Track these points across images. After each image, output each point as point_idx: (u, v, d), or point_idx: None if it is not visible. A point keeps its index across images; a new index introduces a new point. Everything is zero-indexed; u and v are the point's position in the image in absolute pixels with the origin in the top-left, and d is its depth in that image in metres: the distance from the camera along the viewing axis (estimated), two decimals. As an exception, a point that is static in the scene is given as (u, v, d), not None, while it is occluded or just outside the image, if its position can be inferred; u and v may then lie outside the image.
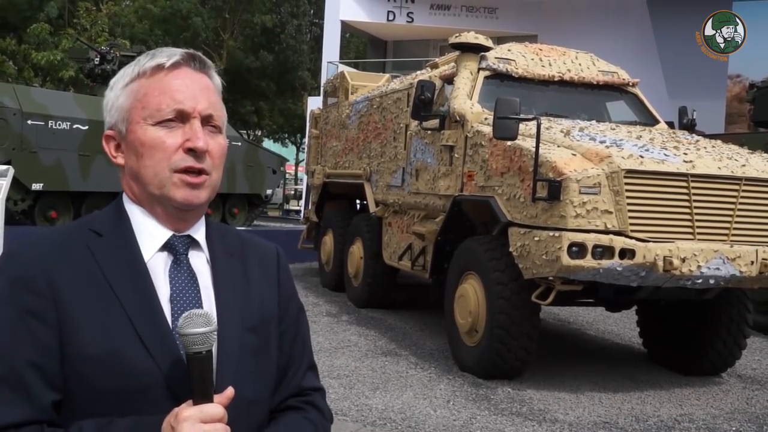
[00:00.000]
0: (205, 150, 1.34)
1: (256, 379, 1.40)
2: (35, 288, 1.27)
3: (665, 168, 5.67)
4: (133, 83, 1.37)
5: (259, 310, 1.44)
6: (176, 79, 1.36)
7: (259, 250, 1.56)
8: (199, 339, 1.21)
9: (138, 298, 1.30)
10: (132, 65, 1.40)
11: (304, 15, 36.68)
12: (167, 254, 1.37)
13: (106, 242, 1.34)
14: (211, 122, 1.38)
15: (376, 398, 5.60)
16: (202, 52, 1.38)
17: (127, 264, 1.33)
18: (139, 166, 1.35)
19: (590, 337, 8.64)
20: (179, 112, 1.34)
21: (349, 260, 9.87)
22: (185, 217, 1.39)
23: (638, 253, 5.46)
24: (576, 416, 5.43)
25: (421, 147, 7.89)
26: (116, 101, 1.39)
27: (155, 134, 1.34)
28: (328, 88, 12.22)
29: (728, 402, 6.03)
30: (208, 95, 1.38)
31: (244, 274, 1.46)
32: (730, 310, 6.58)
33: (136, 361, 1.26)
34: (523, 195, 5.96)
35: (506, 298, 6.03)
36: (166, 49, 1.40)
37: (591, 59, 8.04)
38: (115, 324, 1.27)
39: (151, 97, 1.35)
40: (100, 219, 1.39)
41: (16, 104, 13.38)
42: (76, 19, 29.06)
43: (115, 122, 1.40)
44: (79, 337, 1.26)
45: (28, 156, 13.46)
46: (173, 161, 1.33)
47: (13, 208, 13.57)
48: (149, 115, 1.34)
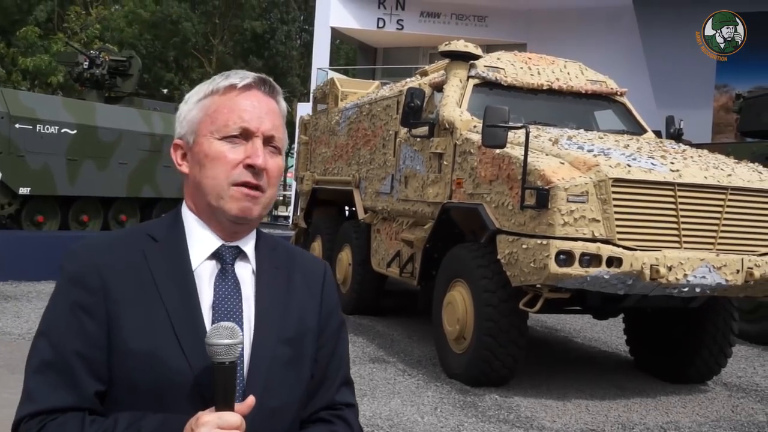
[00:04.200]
0: (264, 168, 1.43)
1: (285, 389, 1.46)
2: (89, 285, 1.38)
3: (652, 177, 5.70)
4: (206, 99, 1.47)
5: (297, 323, 1.51)
6: (245, 100, 1.45)
7: (307, 264, 1.63)
8: (223, 350, 1.27)
9: (181, 302, 1.39)
10: (208, 83, 1.50)
11: (293, 21, 36.75)
12: (215, 263, 1.45)
13: (160, 247, 1.43)
14: (273, 143, 1.46)
15: (364, 405, 5.59)
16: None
17: (175, 269, 1.41)
18: (201, 176, 1.44)
19: (577, 345, 8.66)
20: (244, 130, 1.43)
21: (337, 267, 9.86)
22: (237, 230, 1.47)
23: (625, 261, 5.49)
24: (563, 423, 5.44)
25: (410, 154, 7.90)
26: (188, 114, 1.48)
27: (219, 148, 1.42)
28: (318, 94, 12.23)
29: (714, 410, 6.06)
30: (272, 118, 1.47)
31: (287, 287, 1.53)
32: (716, 319, 6.62)
33: (171, 360, 1.34)
34: (511, 203, 5.98)
35: (494, 305, 6.04)
36: (241, 71, 1.50)
37: (579, 68, 8.09)
38: (156, 324, 1.36)
39: (220, 113, 1.44)
40: (159, 225, 1.49)
41: (4, 108, 13.30)
42: (66, 23, 28.97)
43: (184, 133, 1.48)
44: (123, 333, 1.35)
45: (15, 160, 13.38)
46: (233, 175, 1.41)
47: (-1, 212, 13.52)
48: (216, 130, 1.43)
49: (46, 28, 28.41)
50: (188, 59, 33.92)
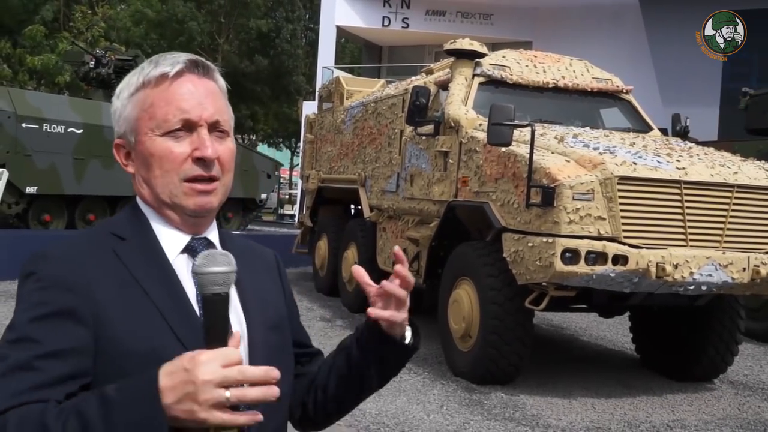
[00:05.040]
0: (214, 158, 1.36)
1: (284, 375, 1.38)
2: (71, 286, 1.27)
3: (658, 175, 5.70)
4: (139, 93, 1.38)
5: (275, 310, 1.49)
6: (181, 88, 1.36)
7: (260, 254, 1.59)
8: (221, 278, 1.19)
9: (169, 297, 1.32)
10: (137, 73, 1.40)
11: (299, 20, 36.74)
12: (188, 256, 1.39)
13: (131, 245, 1.36)
14: (219, 128, 1.39)
15: (370, 403, 5.60)
16: (196, 55, 1.37)
17: (153, 265, 1.34)
18: (150, 176, 1.37)
19: (583, 343, 8.66)
20: (186, 122, 1.35)
21: (343, 265, 9.87)
22: (199, 222, 1.42)
23: (631, 259, 5.48)
24: (569, 421, 5.44)
25: (415, 152, 7.91)
26: (123, 111, 1.40)
27: (163, 145, 1.35)
28: (323, 93, 12.24)
29: (720, 408, 6.05)
30: (213, 101, 1.39)
31: (256, 275, 1.49)
32: (722, 317, 6.61)
33: (173, 354, 1.22)
34: (517, 201, 5.98)
35: (500, 303, 6.05)
36: (169, 55, 1.41)
37: (585, 66, 8.08)
38: (149, 321, 1.28)
39: (157, 107, 1.36)
40: (120, 223, 1.41)
41: (11, 107, 13.35)
42: (71, 22, 29.05)
43: (124, 132, 1.41)
44: (117, 335, 1.26)
45: (22, 159, 13.43)
46: (182, 171, 1.35)
47: (6, 211, 13.55)
48: (156, 126, 1.35)
49: (51, 28, 28.46)
50: (194, 58, 33.91)
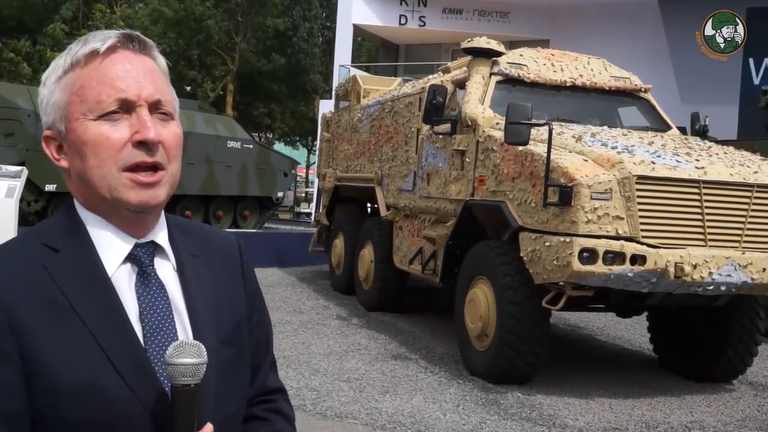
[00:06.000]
0: (157, 141, 1.20)
1: (235, 394, 1.32)
2: None
3: (677, 174, 5.66)
4: (67, 75, 1.22)
5: (231, 317, 1.34)
6: (115, 65, 1.20)
7: (222, 244, 1.43)
8: (190, 370, 1.12)
9: (106, 321, 1.17)
10: (64, 55, 1.24)
11: (316, 18, 36.84)
12: (131, 266, 1.24)
13: (64, 258, 1.19)
14: (161, 108, 1.22)
15: (386, 402, 5.61)
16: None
17: (89, 282, 1.18)
18: (84, 168, 1.20)
19: (600, 343, 8.62)
20: (122, 102, 1.19)
21: (359, 264, 9.88)
22: (143, 219, 1.25)
23: (649, 259, 5.45)
24: (586, 422, 5.42)
25: (432, 151, 7.90)
26: (51, 97, 1.23)
27: (98, 130, 1.18)
28: (340, 91, 12.26)
29: (739, 409, 6.01)
30: (153, 79, 1.23)
31: (212, 278, 1.34)
32: (741, 317, 6.56)
33: (112, 390, 1.14)
34: (534, 200, 5.96)
35: (516, 303, 6.03)
36: (100, 32, 1.25)
37: (603, 64, 8.04)
38: (84, 351, 1.14)
39: (88, 88, 1.19)
40: (53, 231, 1.23)
41: (31, 106, 13.48)
42: (90, 21, 29.26)
43: (53, 121, 1.23)
44: (50, 370, 1.12)
45: (41, 157, 13.42)
46: (122, 158, 1.18)
47: (26, 209, 13.68)
48: (89, 110, 1.19)
49: (71, 27, 28.72)
50: (211, 57, 34.14)
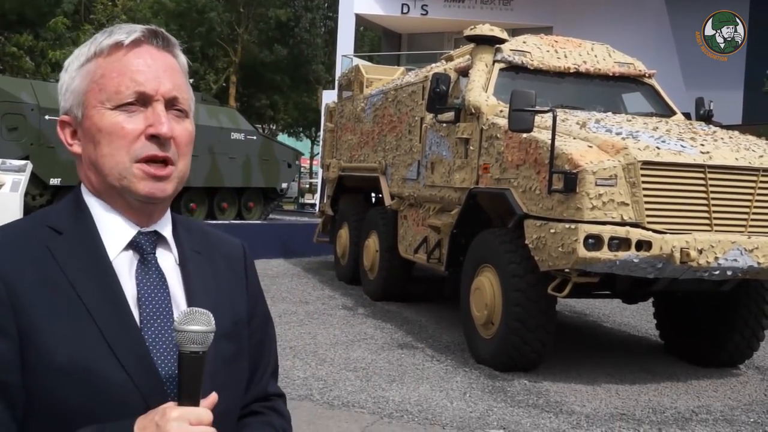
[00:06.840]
0: (170, 136, 1.22)
1: (231, 389, 1.32)
2: None
3: (682, 159, 5.64)
4: (90, 63, 1.25)
5: (231, 315, 1.34)
6: (137, 59, 1.23)
7: (226, 246, 1.44)
8: (199, 338, 1.13)
9: (104, 303, 1.19)
10: (88, 43, 1.27)
11: (318, 8, 36.76)
12: (133, 253, 1.26)
13: (67, 241, 1.22)
14: (177, 105, 1.25)
15: (393, 390, 5.63)
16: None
17: (91, 265, 1.21)
18: (96, 155, 1.23)
19: (607, 329, 8.62)
20: (140, 95, 1.22)
21: (364, 253, 9.89)
22: (150, 210, 1.27)
23: (655, 244, 5.44)
24: (593, 408, 5.43)
25: (436, 140, 7.89)
26: (71, 84, 1.26)
27: (114, 119, 1.21)
28: (343, 81, 12.24)
29: (746, 394, 6.01)
30: (172, 76, 1.26)
31: (213, 275, 1.35)
32: (747, 302, 6.55)
33: (108, 373, 1.15)
34: (538, 187, 5.95)
35: (522, 290, 6.03)
36: (126, 25, 1.27)
37: (607, 50, 8.00)
38: (82, 332, 1.16)
39: (109, 78, 1.22)
40: (59, 214, 1.27)
41: (34, 100, 13.49)
42: (92, 14, 29.24)
43: (70, 107, 1.26)
44: (45, 348, 1.13)
45: (46, 151, 13.56)
46: (134, 150, 1.21)
47: (31, 203, 13.71)
48: (107, 99, 1.22)
49: (73, 20, 28.70)
50: (213, 49, 34.09)
